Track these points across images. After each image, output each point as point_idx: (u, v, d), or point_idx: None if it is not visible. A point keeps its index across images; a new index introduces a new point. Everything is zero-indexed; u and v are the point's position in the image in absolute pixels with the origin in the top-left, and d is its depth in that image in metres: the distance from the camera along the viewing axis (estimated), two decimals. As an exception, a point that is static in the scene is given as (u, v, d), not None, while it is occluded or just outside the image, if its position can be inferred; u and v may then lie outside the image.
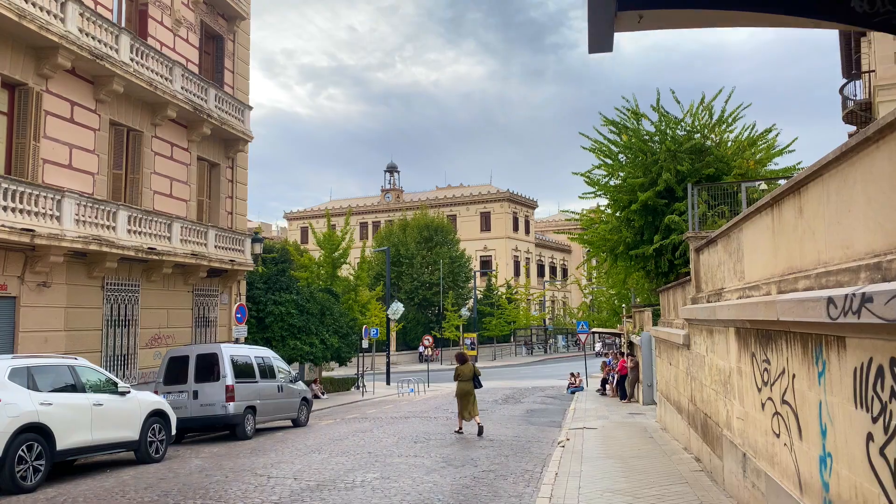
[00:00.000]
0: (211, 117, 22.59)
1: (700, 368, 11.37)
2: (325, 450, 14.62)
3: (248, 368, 17.33)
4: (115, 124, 19.48)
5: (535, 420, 20.96)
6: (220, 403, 16.19)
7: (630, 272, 25.82)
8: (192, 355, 16.73)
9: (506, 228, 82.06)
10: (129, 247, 18.37)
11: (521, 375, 48.16)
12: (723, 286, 9.51)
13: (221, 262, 22.82)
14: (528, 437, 16.56)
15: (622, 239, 20.76)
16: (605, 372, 31.72)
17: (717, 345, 9.62)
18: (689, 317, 11.74)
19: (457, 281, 67.88)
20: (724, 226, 9.53)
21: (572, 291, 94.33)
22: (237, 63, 25.81)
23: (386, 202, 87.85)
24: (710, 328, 10.15)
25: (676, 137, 20.03)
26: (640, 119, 20.65)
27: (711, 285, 10.63)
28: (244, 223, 25.90)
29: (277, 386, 18.34)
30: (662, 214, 19.34)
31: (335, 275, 40.62)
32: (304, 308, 31.45)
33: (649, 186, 19.34)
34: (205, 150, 23.64)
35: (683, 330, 13.23)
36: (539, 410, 24.26)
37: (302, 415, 19.57)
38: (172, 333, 21.52)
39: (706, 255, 11.17)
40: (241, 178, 25.79)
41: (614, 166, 21.11)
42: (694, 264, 12.26)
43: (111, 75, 18.28)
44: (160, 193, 21.31)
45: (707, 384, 10.68)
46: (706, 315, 9.83)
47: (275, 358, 19.06)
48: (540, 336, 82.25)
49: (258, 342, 29.95)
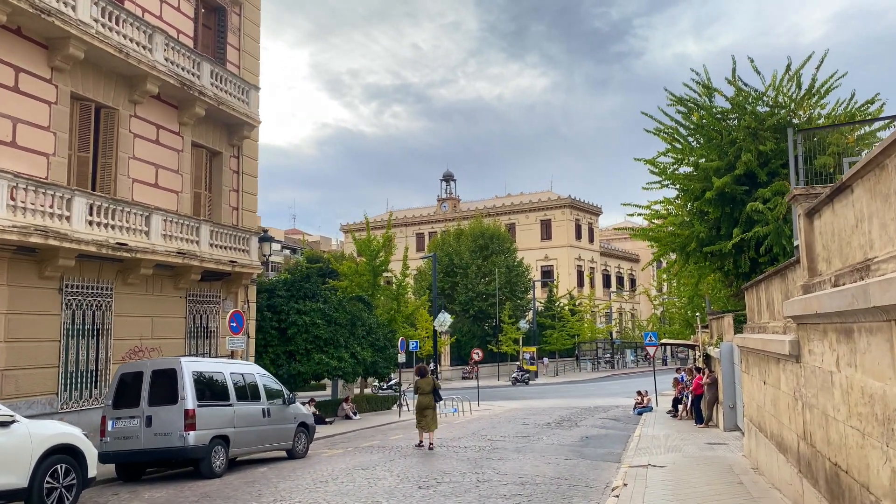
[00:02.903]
0: (204, 95, 19.48)
1: (824, 391, 7.34)
2: (299, 496, 11.04)
3: (219, 388, 13.88)
4: (79, 98, 16.52)
5: (589, 451, 16.96)
6: (178, 432, 12.76)
7: (704, 274, 23.28)
8: (147, 372, 13.36)
9: (568, 236, 77.52)
10: (90, 241, 15.30)
11: (583, 393, 43.75)
12: (871, 255, 5.54)
13: (219, 264, 19.62)
14: (575, 479, 12.62)
15: (694, 234, 18.33)
16: (678, 390, 27.27)
17: (868, 353, 5.63)
18: (801, 312, 7.73)
19: (515, 292, 63.71)
20: (872, 152, 5.54)
21: (641, 303, 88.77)
22: (244, 39, 22.72)
23: (442, 212, 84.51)
24: (848, 326, 6.16)
25: (757, 113, 17.71)
26: (713, 94, 18.33)
27: (842, 260, 6.63)
28: (253, 220, 22.72)
29: (262, 410, 14.81)
30: (742, 204, 17.00)
31: (376, 283, 37.48)
32: (331, 318, 28.09)
33: (726, 171, 17.08)
34: (202, 134, 20.56)
35: (788, 335, 9.18)
36: (596, 437, 20.19)
37: (299, 444, 16.03)
38: (158, 345, 18.38)
39: (829, 217, 7.18)
40: (249, 170, 22.63)
41: (684, 151, 18.78)
42: (805, 235, 8.24)
43: (66, 37, 15.30)
44: (141, 182, 18.26)
45: (840, 417, 6.66)
46: (841, 304, 5.88)
47: (262, 375, 15.58)
48: (606, 350, 77.12)
49: (280, 356, 26.74)
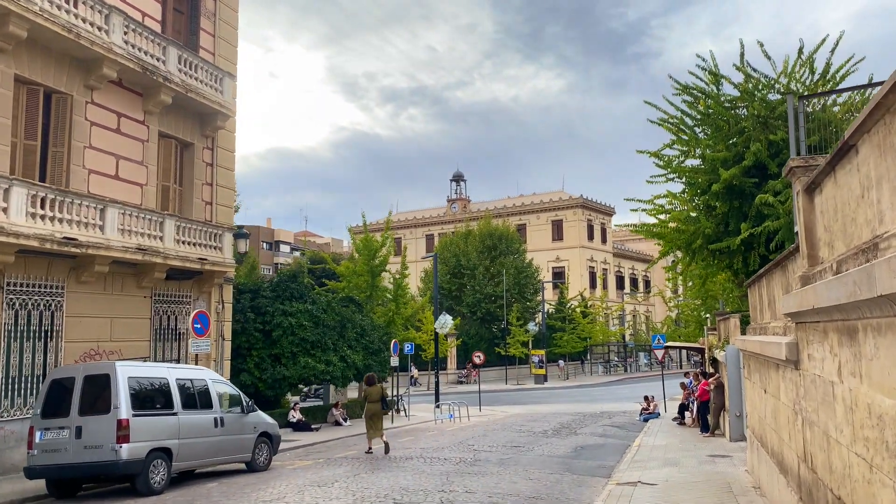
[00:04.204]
0: (170, 82, 18.26)
1: (825, 406, 5.89)
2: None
3: (161, 396, 12.57)
4: (24, 81, 15.34)
5: (578, 464, 15.51)
6: (110, 445, 11.46)
7: (711, 272, 21.70)
8: (79, 377, 12.09)
9: (580, 237, 75.79)
10: (32, 235, 14.10)
11: (592, 397, 42.19)
12: (879, 231, 4.12)
13: (186, 261, 18.39)
14: (552, 499, 11.19)
15: (700, 230, 17.23)
16: (684, 396, 25.71)
17: (875, 360, 4.19)
18: (797, 308, 6.29)
19: (524, 293, 62.11)
20: (877, 95, 4.11)
21: (656, 305, 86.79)
22: (220, 25, 21.49)
23: (452, 212, 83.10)
24: (850, 324, 4.72)
25: (768, 101, 16.58)
26: (721, 82, 17.23)
27: (846, 242, 5.21)
28: (229, 216, 21.47)
29: (214, 419, 13.49)
30: (752, 197, 15.94)
31: (375, 284, 36.20)
32: (319, 320, 26.77)
33: (734, 162, 16.11)
34: (170, 124, 19.34)
35: (787, 336, 7.75)
36: (592, 447, 18.72)
37: (260, 456, 14.69)
38: (119, 348, 17.17)
39: (831, 190, 5.75)
40: (225, 163, 21.38)
41: (690, 142, 17.72)
42: (805, 216, 6.81)
43: (5, 13, 14.13)
44: (99, 173, 17.06)
45: (844, 440, 5.21)
46: (841, 294, 4.45)
47: (216, 381, 14.25)
48: (619, 353, 75.29)
49: (265, 360, 25.45)
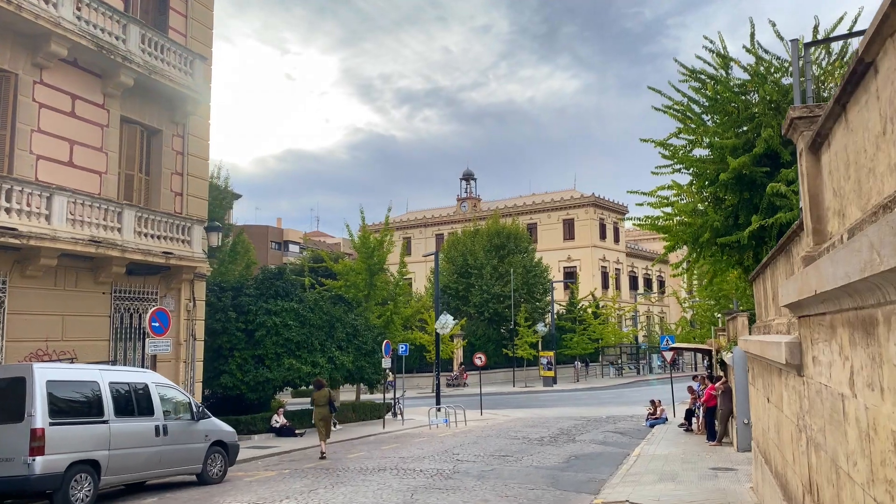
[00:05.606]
0: (130, 62, 16.99)
1: (833, 426, 4.38)
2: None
3: (88, 401, 11.25)
4: (-41, 58, 14.17)
5: (567, 477, 14.04)
6: (23, 457, 10.18)
7: (720, 269, 20.35)
8: (-7, 381, 10.84)
9: (591, 236, 74.06)
10: (-38, 224, 12.88)
11: (600, 401, 40.56)
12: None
13: (149, 255, 17.10)
14: (525, 521, 9.77)
15: (708, 223, 16.23)
16: (692, 401, 24.14)
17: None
18: (798, 297, 4.79)
19: (533, 293, 60.50)
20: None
21: (670, 306, 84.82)
22: (192, 5, 20.16)
23: (462, 212, 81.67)
24: (866, 314, 3.23)
25: (780, 85, 15.60)
26: (730, 65, 16.26)
27: (860, 203, 3.72)
28: (202, 208, 20.13)
29: (156, 427, 12.15)
30: (763, 188, 14.95)
31: (373, 283, 34.95)
32: (306, 319, 25.47)
33: (744, 150, 15.23)
34: (134, 109, 18.06)
35: (789, 335, 6.27)
36: (587, 457, 17.24)
37: (213, 467, 13.33)
38: (72, 348, 15.89)
39: (842, 138, 4.25)
40: (198, 151, 20.08)
41: (697, 130, 16.62)
42: (809, 182, 5.34)
43: (-69, -20, 12.95)
44: (49, 159, 15.80)
45: (858, 476, 3.71)
46: (852, 268, 2.97)
47: (160, 385, 12.89)
48: (631, 354, 73.43)
49: (247, 361, 24.11)
